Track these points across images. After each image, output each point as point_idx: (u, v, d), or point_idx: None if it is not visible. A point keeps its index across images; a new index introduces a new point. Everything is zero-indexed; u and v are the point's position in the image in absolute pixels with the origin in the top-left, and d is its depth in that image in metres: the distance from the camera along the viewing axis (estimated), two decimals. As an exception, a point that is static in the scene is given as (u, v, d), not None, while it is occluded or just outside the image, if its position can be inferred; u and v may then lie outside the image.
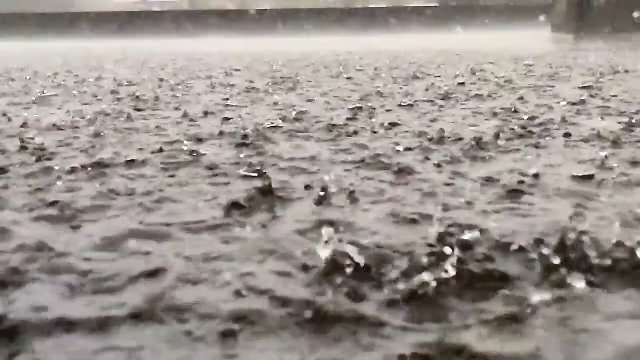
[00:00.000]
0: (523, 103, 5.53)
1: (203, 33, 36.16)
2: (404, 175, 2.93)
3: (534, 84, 7.26)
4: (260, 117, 5.02)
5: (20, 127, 4.69)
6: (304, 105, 5.71)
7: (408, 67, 10.65)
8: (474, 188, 2.66)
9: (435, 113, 5.07)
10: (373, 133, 4.14)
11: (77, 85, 8.33)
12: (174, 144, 3.86)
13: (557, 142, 3.69)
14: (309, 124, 4.56)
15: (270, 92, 7.02)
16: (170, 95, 6.85)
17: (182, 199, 2.58)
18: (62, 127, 4.63)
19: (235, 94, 6.83)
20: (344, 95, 6.48)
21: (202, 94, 6.95)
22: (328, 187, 2.68)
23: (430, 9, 41.15)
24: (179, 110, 5.52)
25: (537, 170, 2.95)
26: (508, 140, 3.75)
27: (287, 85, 7.74)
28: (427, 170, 3.02)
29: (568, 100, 5.69)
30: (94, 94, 7.10)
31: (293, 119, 4.84)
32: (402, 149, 3.54)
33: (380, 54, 14.88)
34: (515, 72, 9.03)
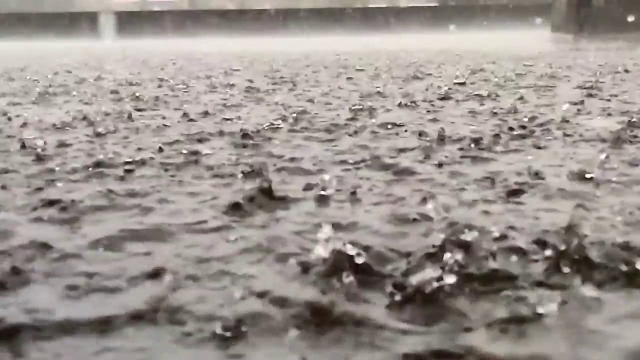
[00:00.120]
0: (523, 103, 5.53)
1: (203, 33, 36.15)
2: (404, 176, 2.93)
3: (534, 84, 7.26)
4: (260, 117, 5.02)
5: (21, 127, 4.69)
6: (304, 105, 5.71)
7: (408, 67, 10.65)
8: (475, 188, 2.65)
9: (436, 113, 5.06)
10: (373, 133, 4.14)
11: (77, 86, 8.33)
12: (174, 144, 3.86)
13: (557, 142, 3.69)
14: (309, 124, 4.56)
15: (271, 92, 7.02)
16: (171, 96, 6.85)
17: (182, 200, 2.57)
18: (62, 127, 4.62)
19: (236, 94, 6.83)
20: (344, 95, 6.48)
21: (202, 94, 6.95)
22: (328, 187, 2.68)
23: (430, 9, 41.15)
24: (179, 111, 5.52)
25: (537, 170, 2.95)
26: (508, 140, 3.75)
27: (287, 85, 7.74)
28: (427, 171, 3.02)
29: (568, 100, 5.68)
30: (94, 94, 7.10)
31: (293, 119, 4.84)
32: (402, 149, 3.54)
33: (380, 54, 14.88)
34: (515, 72, 9.03)
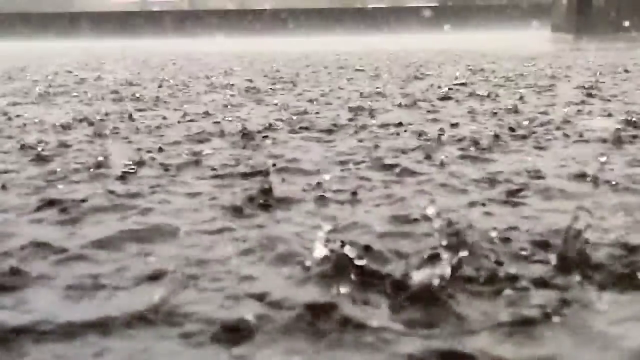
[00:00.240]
0: (523, 103, 5.53)
1: (203, 33, 36.16)
2: (405, 176, 2.93)
3: (534, 84, 7.26)
4: (261, 117, 5.02)
5: (21, 127, 4.69)
6: (304, 106, 5.71)
7: (408, 67, 10.65)
8: (475, 188, 2.65)
9: (436, 113, 5.06)
10: (373, 133, 4.14)
11: (77, 86, 8.33)
12: (175, 145, 3.86)
13: (557, 142, 3.69)
14: (309, 124, 4.56)
15: (271, 92, 7.02)
16: (171, 96, 6.85)
17: (182, 200, 2.57)
18: (62, 127, 4.62)
19: (236, 94, 6.83)
20: (344, 96, 6.48)
21: (202, 94, 6.95)
22: (328, 187, 2.68)
23: (430, 9, 41.15)
24: (179, 111, 5.52)
25: (537, 171, 2.95)
26: (508, 141, 3.75)
27: (287, 85, 7.74)
28: (427, 171, 3.02)
29: (568, 100, 5.69)
30: (95, 94, 7.10)
31: (293, 119, 4.84)
32: (402, 150, 3.54)
33: (380, 54, 14.88)
34: (515, 72, 9.03)
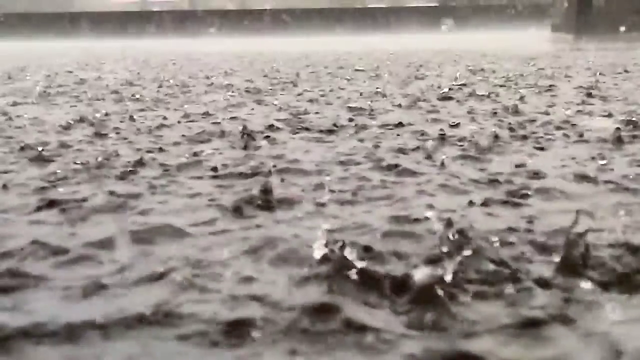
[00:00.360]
0: (523, 103, 5.53)
1: (203, 33, 36.16)
2: (405, 176, 2.93)
3: (534, 84, 7.26)
4: (261, 117, 5.02)
5: (21, 127, 4.69)
6: (304, 106, 5.71)
7: (408, 67, 10.65)
8: (476, 189, 2.65)
9: (436, 113, 5.06)
10: (374, 133, 4.14)
11: (77, 86, 8.33)
12: (175, 145, 3.86)
13: (557, 142, 3.69)
14: (310, 125, 4.56)
15: (271, 92, 7.02)
16: (171, 96, 6.84)
17: (182, 201, 2.57)
18: (63, 127, 4.62)
19: (236, 94, 6.83)
20: (344, 96, 6.48)
21: (202, 94, 6.95)
22: (329, 188, 2.68)
23: (430, 9, 41.15)
24: (180, 111, 5.52)
25: (538, 171, 2.95)
26: (509, 141, 3.75)
27: (287, 86, 7.74)
28: (427, 171, 3.02)
29: (568, 100, 5.69)
30: (95, 95, 7.10)
31: (293, 120, 4.84)
32: (402, 150, 3.54)
33: (380, 54, 14.87)
34: (515, 72, 9.03)
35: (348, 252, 1.71)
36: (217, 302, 1.58)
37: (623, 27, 22.66)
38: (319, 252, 1.77)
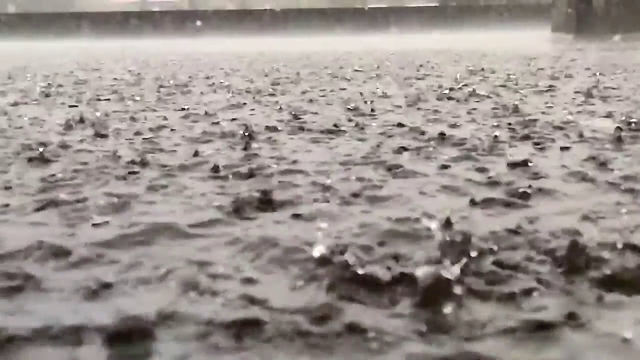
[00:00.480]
0: (524, 103, 5.53)
1: (203, 33, 36.17)
2: (405, 177, 2.93)
3: (534, 84, 7.26)
4: (261, 117, 5.02)
5: (22, 127, 4.69)
6: (305, 106, 5.71)
7: (408, 67, 10.65)
8: (477, 189, 2.65)
9: (436, 113, 5.06)
10: (374, 133, 4.14)
11: (77, 86, 8.33)
12: (175, 145, 3.85)
13: (558, 142, 3.69)
14: (310, 125, 4.56)
15: (271, 92, 7.02)
16: (171, 96, 6.85)
17: (183, 201, 2.57)
18: (63, 128, 4.62)
19: (236, 95, 6.83)
20: (345, 96, 6.48)
21: (202, 95, 6.95)
22: (329, 188, 2.68)
23: (430, 9, 41.16)
24: (180, 111, 5.52)
25: (538, 171, 2.95)
26: (509, 141, 3.75)
27: (287, 86, 7.74)
28: (428, 172, 3.02)
29: (568, 100, 5.69)
30: (95, 95, 7.10)
31: (293, 119, 4.84)
32: (403, 150, 3.54)
33: (381, 54, 14.88)
34: (516, 72, 9.03)
35: (349, 253, 1.71)
36: (217, 303, 1.58)
37: (623, 27, 22.67)
38: (320, 253, 1.77)
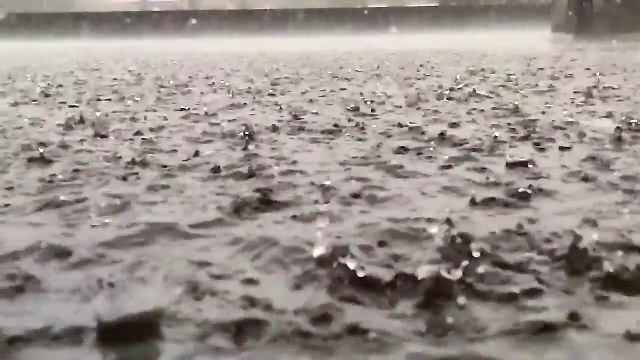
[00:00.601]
0: (524, 103, 5.52)
1: (203, 33, 36.17)
2: (406, 177, 2.93)
3: (534, 84, 7.26)
4: (261, 117, 5.02)
5: (22, 127, 4.69)
6: (305, 106, 5.71)
7: (408, 67, 10.65)
8: (477, 190, 2.65)
9: (436, 113, 5.06)
10: (374, 134, 4.13)
11: (77, 86, 8.33)
12: (175, 145, 3.85)
13: (558, 142, 3.68)
14: (310, 125, 4.56)
15: (271, 92, 7.02)
16: (171, 96, 6.85)
17: (183, 202, 2.57)
18: (63, 128, 4.62)
19: (236, 95, 6.83)
20: (345, 96, 6.48)
21: (202, 95, 6.95)
22: (329, 188, 2.68)
23: (430, 9, 41.16)
24: (180, 111, 5.52)
25: (538, 171, 2.95)
26: (509, 141, 3.75)
27: (287, 86, 7.74)
28: (428, 172, 3.02)
29: (568, 100, 5.69)
30: (95, 95, 7.10)
31: (293, 120, 4.84)
32: (403, 150, 3.54)
33: (381, 54, 14.88)
34: (516, 72, 9.03)
35: (349, 254, 1.71)
36: (218, 304, 1.58)
37: (623, 27, 22.67)
38: (320, 253, 1.77)
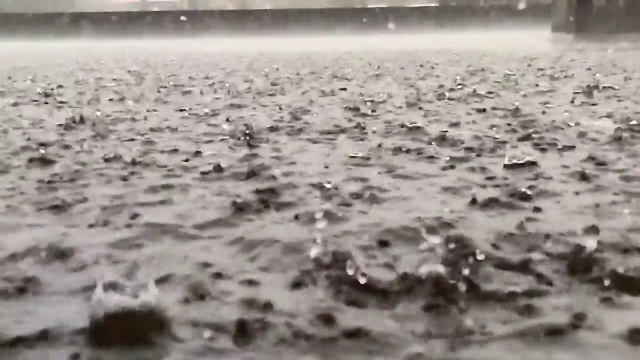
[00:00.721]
0: (523, 103, 5.52)
1: (203, 33, 36.18)
2: (406, 177, 2.93)
3: (535, 84, 7.26)
4: (261, 117, 5.02)
5: (22, 128, 4.69)
6: (305, 106, 5.71)
7: (408, 67, 10.65)
8: (477, 190, 2.65)
9: (437, 114, 5.06)
10: (374, 134, 4.14)
11: (78, 86, 8.33)
12: (176, 145, 3.85)
13: (558, 143, 3.68)
14: (310, 125, 4.56)
15: (271, 92, 7.02)
16: (171, 96, 6.85)
17: (184, 202, 2.57)
18: (63, 128, 4.62)
19: (236, 95, 6.83)
20: (345, 96, 6.48)
21: (202, 95, 6.95)
22: (330, 189, 2.68)
23: (430, 9, 41.17)
24: (180, 111, 5.52)
25: (538, 171, 2.95)
26: (509, 141, 3.75)
27: (287, 86, 7.74)
28: (428, 172, 3.02)
29: (568, 100, 5.69)
30: (95, 95, 7.10)
31: (294, 120, 4.84)
32: (403, 150, 3.54)
33: (381, 54, 14.88)
34: (516, 72, 9.03)
35: (349, 254, 1.71)
36: (219, 305, 1.58)
37: (623, 27, 22.68)
38: (321, 254, 1.77)
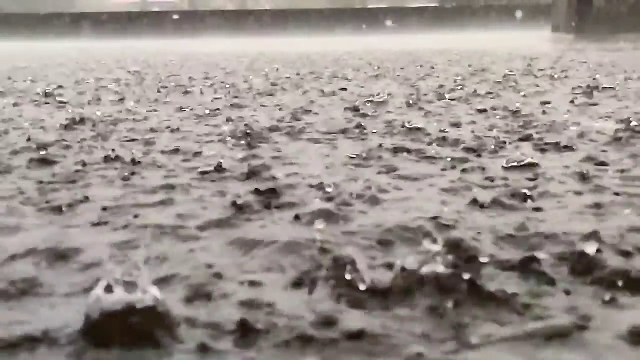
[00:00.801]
0: (523, 103, 5.53)
1: (203, 33, 36.19)
2: (406, 177, 2.93)
3: (534, 84, 7.26)
4: (262, 117, 5.02)
5: (22, 128, 4.69)
6: (305, 106, 5.71)
7: (408, 67, 10.65)
8: (478, 190, 2.65)
9: (436, 114, 5.06)
10: (374, 134, 4.14)
11: (78, 86, 8.33)
12: (176, 145, 3.85)
13: (558, 143, 3.68)
14: (310, 125, 4.56)
15: (271, 92, 7.02)
16: (171, 96, 6.85)
17: (184, 202, 2.57)
18: (63, 128, 4.62)
19: (236, 95, 6.83)
20: (345, 96, 6.48)
21: (202, 95, 6.95)
22: (330, 189, 2.68)
23: (430, 9, 41.19)
24: (180, 112, 5.52)
25: (538, 172, 2.95)
26: (509, 142, 3.75)
27: (287, 86, 7.74)
28: (429, 172, 3.02)
29: (568, 100, 5.69)
30: (95, 95, 7.10)
31: (294, 120, 4.84)
32: (403, 150, 3.54)
33: (381, 54, 14.88)
34: (516, 72, 9.03)
35: (350, 255, 1.70)
36: (219, 306, 1.58)
37: (623, 27, 22.68)
38: (322, 255, 1.77)
